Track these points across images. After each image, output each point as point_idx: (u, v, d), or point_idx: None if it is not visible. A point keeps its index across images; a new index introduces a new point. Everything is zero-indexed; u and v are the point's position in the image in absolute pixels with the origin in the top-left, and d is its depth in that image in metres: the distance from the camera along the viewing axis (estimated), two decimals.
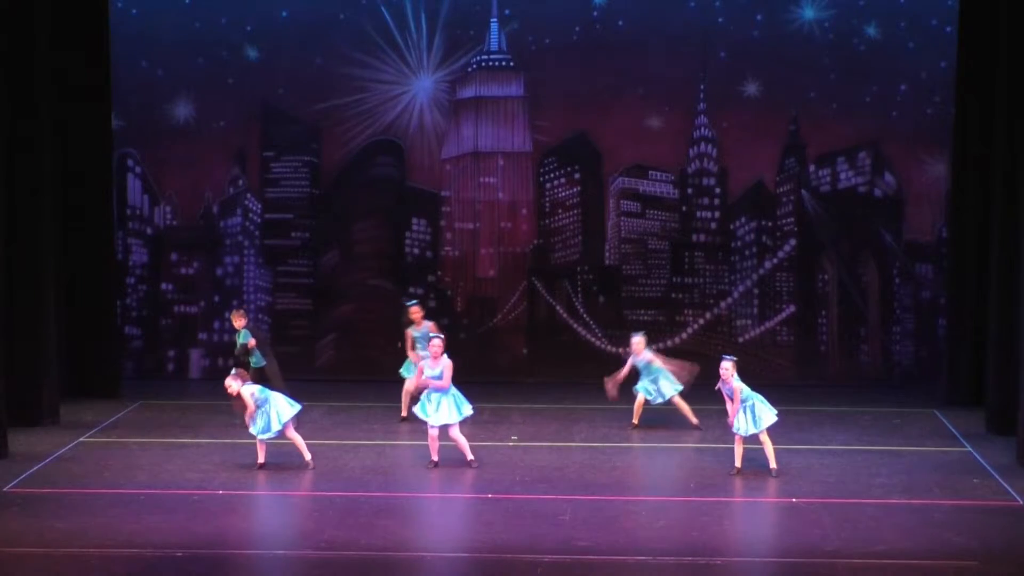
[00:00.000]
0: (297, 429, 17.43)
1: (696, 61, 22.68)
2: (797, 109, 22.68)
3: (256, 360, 19.84)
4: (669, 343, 22.91)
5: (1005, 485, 16.78)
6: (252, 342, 19.81)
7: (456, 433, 17.52)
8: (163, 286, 23.39)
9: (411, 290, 23.13)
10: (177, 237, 23.34)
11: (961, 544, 14.57)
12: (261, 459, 17.41)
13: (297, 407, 17.38)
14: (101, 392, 21.35)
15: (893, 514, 15.68)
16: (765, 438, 17.08)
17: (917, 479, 17.10)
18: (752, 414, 17.11)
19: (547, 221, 23.23)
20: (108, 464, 17.67)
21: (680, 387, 19.51)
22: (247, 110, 23.05)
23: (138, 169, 23.17)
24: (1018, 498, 16.27)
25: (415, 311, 20.14)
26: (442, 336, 17.95)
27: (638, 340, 19.65)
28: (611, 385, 19.61)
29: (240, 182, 23.25)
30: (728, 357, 17.34)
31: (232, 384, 17.34)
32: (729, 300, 23.03)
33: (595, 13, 22.71)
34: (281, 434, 17.34)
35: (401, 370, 20.24)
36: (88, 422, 19.85)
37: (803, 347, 22.80)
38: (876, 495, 16.43)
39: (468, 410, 17.62)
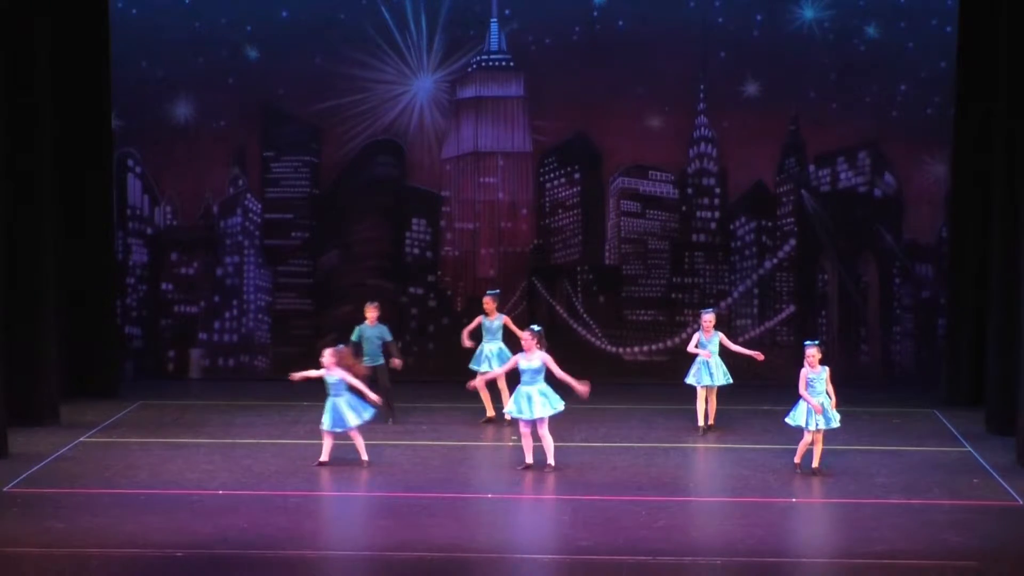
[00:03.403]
0: (296, 427, 17.48)
1: (696, 61, 22.69)
2: (797, 109, 22.69)
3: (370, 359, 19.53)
4: (669, 343, 22.94)
5: (1005, 485, 16.78)
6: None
7: (545, 431, 17.41)
8: (163, 286, 23.40)
9: (411, 290, 23.16)
10: (177, 237, 23.34)
11: (961, 544, 14.57)
12: (324, 457, 17.45)
13: (366, 416, 17.50)
14: (101, 392, 21.35)
15: (893, 514, 15.67)
16: (819, 438, 17.11)
17: (917, 479, 17.10)
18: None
19: (547, 221, 23.23)
20: (108, 464, 17.67)
21: (731, 381, 19.46)
22: (247, 110, 23.06)
23: (138, 169, 23.17)
24: (1018, 498, 16.27)
25: (488, 301, 20.07)
26: (537, 328, 17.72)
27: (709, 317, 19.58)
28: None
29: (240, 182, 23.25)
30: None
31: (326, 356, 17.47)
32: (729, 300, 23.03)
33: (595, 13, 22.71)
34: (344, 432, 17.47)
35: (472, 364, 20.01)
36: (88, 422, 19.85)
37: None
38: (876, 495, 16.43)
39: (560, 404, 17.44)
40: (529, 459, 17.40)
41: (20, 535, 14.72)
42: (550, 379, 17.39)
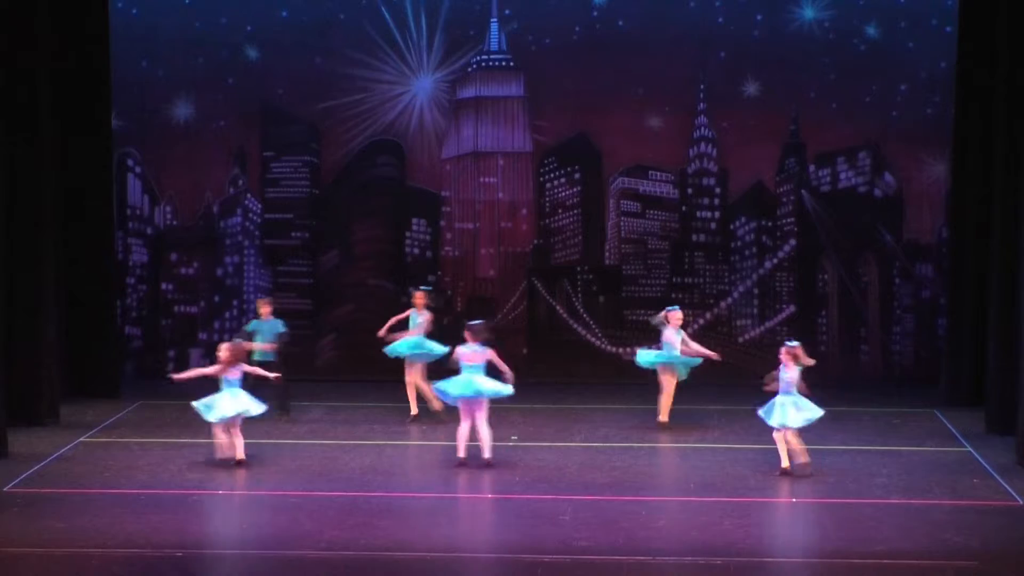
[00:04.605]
0: (296, 427, 17.46)
1: (696, 61, 22.69)
2: (797, 109, 22.69)
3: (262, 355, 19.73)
4: None
5: (1005, 485, 16.78)
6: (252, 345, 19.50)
7: (484, 423, 17.38)
8: (163, 286, 23.40)
9: (411, 290, 23.14)
10: (177, 237, 23.35)
11: (961, 544, 14.57)
12: (220, 454, 17.45)
13: (242, 412, 17.41)
14: (101, 392, 21.35)
15: (893, 514, 15.68)
16: (792, 437, 17.09)
17: (917, 479, 17.10)
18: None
19: (547, 221, 23.24)
20: (108, 464, 17.66)
21: (698, 361, 19.57)
22: (247, 110, 23.06)
23: (138, 169, 23.18)
24: (1018, 498, 16.27)
25: (419, 296, 20.24)
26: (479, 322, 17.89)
27: (677, 314, 19.67)
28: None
29: (240, 182, 23.25)
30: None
31: (222, 351, 17.53)
32: (729, 300, 23.04)
33: (595, 13, 22.72)
34: (226, 425, 17.39)
35: (401, 349, 20.12)
36: (88, 422, 19.85)
37: (803, 347, 22.73)
38: (876, 495, 16.43)
39: (508, 389, 17.51)
40: (462, 454, 17.38)
41: (20, 535, 14.72)
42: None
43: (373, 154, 23.15)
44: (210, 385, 17.79)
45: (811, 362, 17.40)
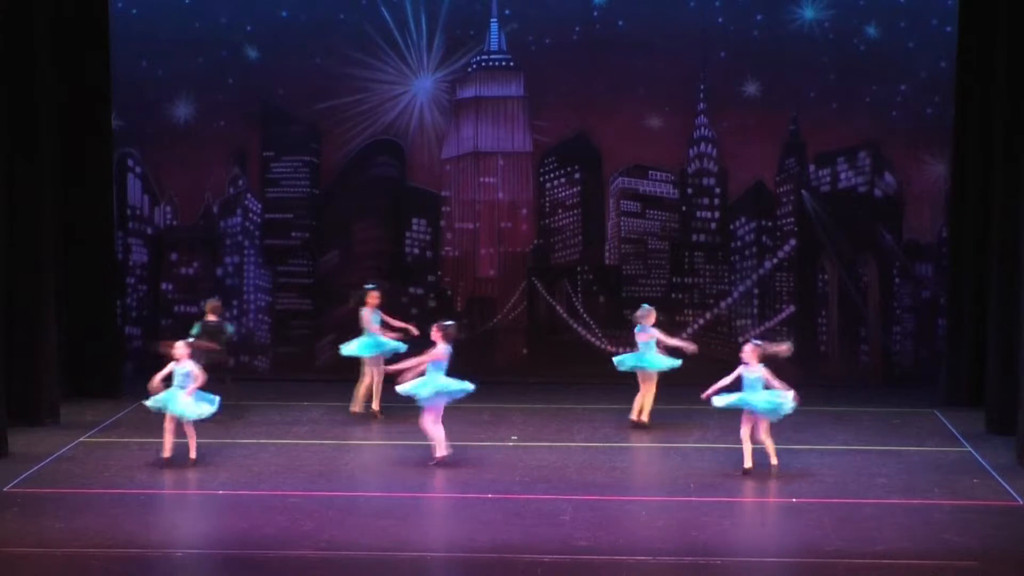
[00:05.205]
0: (296, 427, 17.44)
1: (696, 61, 22.69)
2: (797, 109, 22.68)
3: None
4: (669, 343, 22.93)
5: (1005, 485, 16.78)
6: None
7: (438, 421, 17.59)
8: (163, 286, 23.40)
9: (411, 290, 23.15)
10: (177, 237, 23.35)
11: (961, 544, 14.58)
12: (167, 453, 17.56)
13: (205, 412, 17.55)
14: (101, 392, 21.34)
15: (893, 514, 15.68)
16: (767, 436, 17.11)
17: (917, 479, 17.11)
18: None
19: (547, 221, 23.23)
20: (108, 464, 17.67)
21: (677, 363, 19.57)
22: (247, 110, 23.06)
23: (138, 169, 23.18)
24: (1018, 498, 16.28)
25: (375, 295, 20.38)
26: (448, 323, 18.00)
27: (646, 314, 19.70)
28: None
29: (240, 182, 23.25)
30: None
31: (179, 348, 17.65)
32: (729, 300, 23.04)
33: (595, 13, 22.72)
34: (179, 423, 17.52)
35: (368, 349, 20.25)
36: (88, 422, 19.85)
37: (803, 347, 22.77)
38: (876, 495, 16.44)
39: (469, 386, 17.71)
40: (442, 451, 17.53)
41: (20, 535, 14.73)
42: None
43: (373, 154, 23.14)
44: (211, 389, 17.84)
45: (781, 349, 17.38)
